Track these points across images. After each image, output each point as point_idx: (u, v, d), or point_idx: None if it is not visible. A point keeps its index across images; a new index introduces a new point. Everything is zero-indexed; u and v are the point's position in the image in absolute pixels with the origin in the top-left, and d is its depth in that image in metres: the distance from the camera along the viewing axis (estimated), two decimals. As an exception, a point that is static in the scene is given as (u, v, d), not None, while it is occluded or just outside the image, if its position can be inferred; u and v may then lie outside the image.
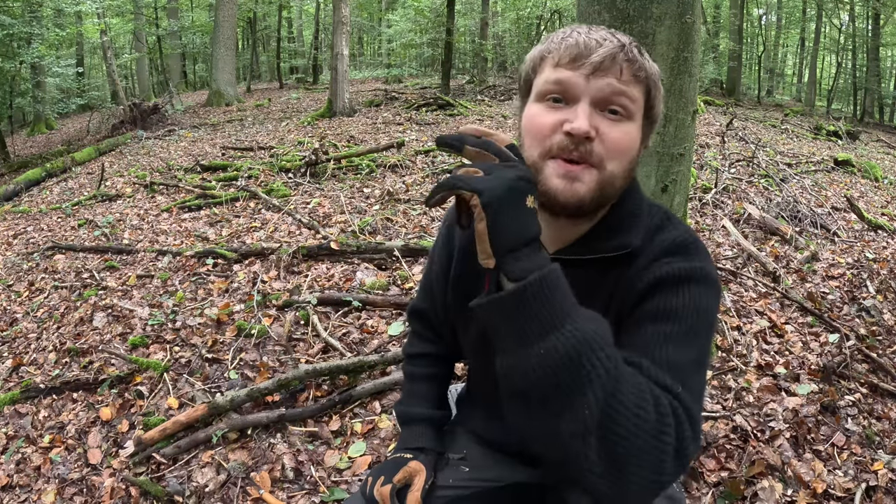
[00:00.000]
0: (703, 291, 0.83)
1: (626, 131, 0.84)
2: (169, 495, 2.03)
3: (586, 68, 0.81)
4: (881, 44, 20.16)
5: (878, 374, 2.52)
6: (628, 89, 0.83)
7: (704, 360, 0.83)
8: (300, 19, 27.06)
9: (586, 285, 0.88)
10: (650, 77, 0.86)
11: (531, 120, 0.85)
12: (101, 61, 22.53)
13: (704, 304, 0.83)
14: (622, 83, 0.82)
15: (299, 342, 2.84)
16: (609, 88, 0.82)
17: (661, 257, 0.86)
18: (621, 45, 0.83)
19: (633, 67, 0.83)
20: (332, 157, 6.19)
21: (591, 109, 0.82)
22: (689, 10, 1.92)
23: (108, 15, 17.63)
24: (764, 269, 3.55)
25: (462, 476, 1.13)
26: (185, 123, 11.33)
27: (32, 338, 3.26)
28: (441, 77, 13.17)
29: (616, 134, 0.83)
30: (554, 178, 0.82)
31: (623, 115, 0.83)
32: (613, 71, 0.81)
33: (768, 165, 6.23)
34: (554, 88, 0.83)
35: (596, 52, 0.81)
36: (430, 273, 1.15)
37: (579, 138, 0.80)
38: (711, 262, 0.88)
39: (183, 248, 4.08)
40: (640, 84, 0.84)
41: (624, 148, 0.84)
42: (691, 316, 0.81)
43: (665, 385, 0.74)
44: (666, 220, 0.92)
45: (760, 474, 1.93)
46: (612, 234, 0.89)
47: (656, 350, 0.78)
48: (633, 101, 0.83)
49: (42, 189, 7.61)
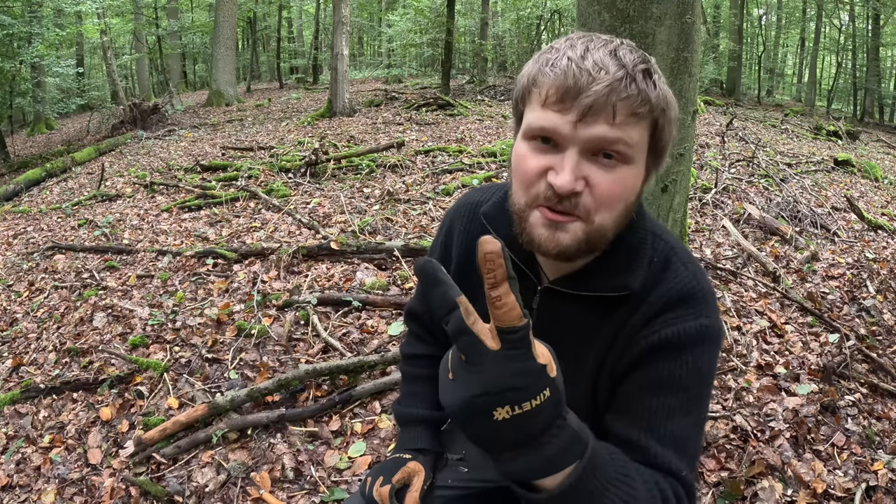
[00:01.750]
0: (708, 351, 0.81)
1: (620, 178, 0.75)
2: (169, 495, 2.03)
3: (574, 113, 0.72)
4: (881, 44, 20.16)
5: (878, 374, 2.52)
6: (623, 134, 0.73)
7: (704, 417, 0.84)
8: (300, 19, 27.07)
9: (584, 325, 0.87)
10: (656, 108, 0.75)
11: (518, 161, 0.79)
12: (101, 61, 22.53)
13: (707, 366, 0.81)
14: (616, 128, 0.72)
15: (299, 342, 2.84)
16: (599, 137, 0.72)
17: (666, 311, 0.81)
18: (619, 78, 0.72)
19: (633, 105, 0.72)
20: (332, 157, 6.19)
21: (579, 158, 0.74)
22: (689, 10, 1.92)
23: (108, 15, 17.64)
24: (764, 269, 3.55)
25: (461, 476, 1.13)
26: (185, 123, 11.33)
27: (32, 338, 3.26)
28: (441, 77, 13.18)
29: (607, 183, 0.74)
30: (538, 227, 0.77)
31: (618, 160, 0.75)
32: (605, 115, 0.72)
33: (768, 165, 6.23)
34: (540, 133, 0.76)
35: (586, 92, 0.71)
36: None
37: (564, 195, 0.74)
38: (717, 309, 0.84)
39: (183, 248, 4.08)
40: (641, 121, 0.74)
41: (616, 197, 0.76)
42: (695, 383, 0.80)
43: (670, 469, 0.76)
44: (670, 260, 0.85)
45: (760, 474, 1.93)
46: (611, 271, 0.84)
47: (661, 425, 0.78)
48: (630, 145, 0.74)
49: (42, 189, 7.61)
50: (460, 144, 6.91)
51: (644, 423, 0.79)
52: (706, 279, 0.86)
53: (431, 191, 5.21)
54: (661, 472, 0.76)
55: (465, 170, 5.84)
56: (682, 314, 0.81)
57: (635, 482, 0.69)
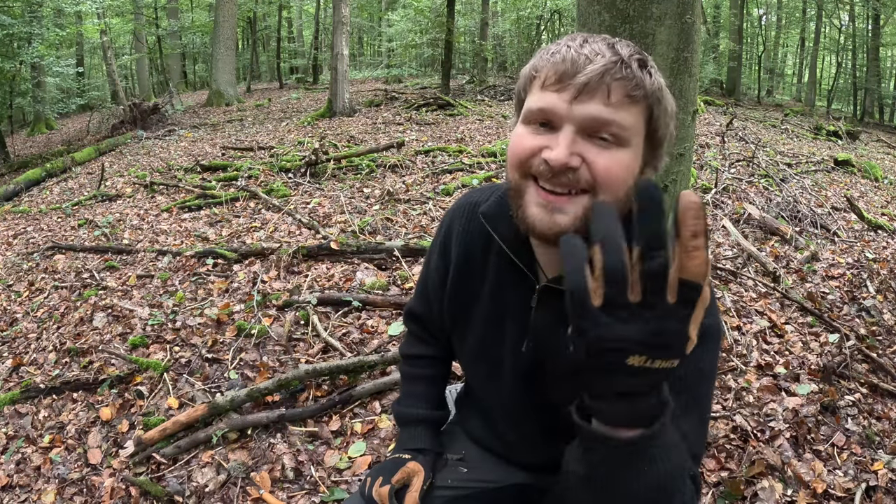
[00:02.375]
0: (710, 350, 0.81)
1: (617, 159, 0.75)
2: (169, 495, 2.03)
3: (570, 91, 0.74)
4: (881, 44, 20.16)
5: (878, 374, 2.52)
6: (617, 116, 0.74)
7: (707, 415, 0.84)
8: (300, 19, 27.07)
9: None
10: (651, 95, 0.76)
11: (514, 141, 0.81)
12: (101, 61, 22.53)
13: (709, 366, 0.82)
14: (611, 107, 0.74)
15: (299, 342, 2.84)
16: (594, 115, 0.74)
17: None
18: (615, 61, 0.74)
19: (627, 86, 0.74)
20: (332, 157, 6.19)
21: (574, 136, 0.75)
22: (689, 10, 1.92)
23: (108, 15, 17.64)
24: (764, 269, 3.55)
25: (461, 476, 1.13)
26: (185, 123, 11.33)
27: (32, 338, 3.26)
28: (441, 77, 13.18)
29: (604, 162, 0.75)
30: (532, 206, 0.78)
31: (613, 143, 0.75)
32: (601, 93, 0.74)
33: (768, 165, 6.23)
34: (538, 116, 0.77)
35: (583, 72, 0.73)
36: (427, 280, 1.13)
37: (558, 168, 0.75)
38: (717, 309, 0.85)
39: (183, 248, 4.08)
40: (636, 104, 0.75)
41: (615, 176, 0.76)
42: (696, 383, 0.81)
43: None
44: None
45: (760, 474, 1.93)
46: None
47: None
48: (624, 128, 0.75)
49: (42, 189, 7.61)
50: (460, 144, 6.91)
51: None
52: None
53: (431, 191, 5.21)
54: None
55: (464, 170, 5.84)
56: None
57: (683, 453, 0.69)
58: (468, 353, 1.06)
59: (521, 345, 0.95)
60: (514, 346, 0.96)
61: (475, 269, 0.99)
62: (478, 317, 1.00)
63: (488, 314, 0.99)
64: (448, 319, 1.07)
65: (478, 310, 1.00)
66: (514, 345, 0.96)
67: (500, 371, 0.99)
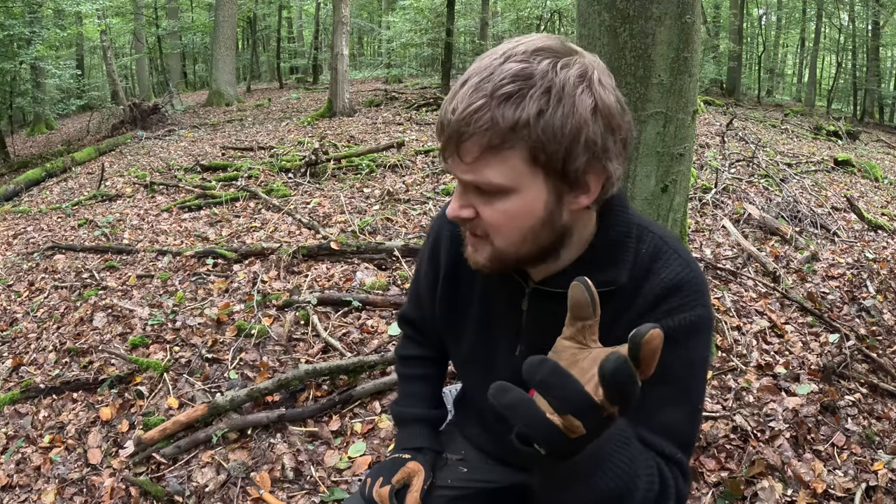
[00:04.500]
0: (701, 340, 0.82)
1: (501, 210, 0.74)
2: (169, 495, 2.03)
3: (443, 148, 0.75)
4: (881, 44, 20.17)
5: (878, 374, 2.52)
6: (478, 176, 0.72)
7: (699, 405, 0.86)
8: (300, 19, 27.06)
9: None
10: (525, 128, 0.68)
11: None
12: (101, 61, 22.51)
13: (700, 356, 0.82)
14: (469, 168, 0.72)
15: (299, 342, 2.84)
16: (460, 176, 0.74)
17: (661, 303, 0.81)
18: (473, 110, 0.67)
19: (483, 140, 0.69)
20: (332, 157, 6.19)
21: (464, 189, 0.76)
22: (689, 10, 1.92)
23: (108, 15, 17.64)
24: (764, 269, 3.55)
25: (461, 476, 1.13)
26: (185, 123, 11.33)
27: (32, 338, 3.26)
28: (441, 77, 13.17)
29: (489, 213, 0.75)
30: (467, 245, 0.84)
31: (495, 193, 0.73)
32: (460, 152, 0.71)
33: (768, 165, 6.23)
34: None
35: (445, 130, 0.71)
36: (419, 285, 1.13)
37: (454, 221, 0.80)
38: (708, 297, 0.85)
39: (183, 248, 4.08)
40: (501, 152, 0.69)
41: (502, 226, 0.76)
42: (688, 374, 0.81)
43: (664, 454, 0.79)
44: (660, 250, 0.84)
45: (760, 474, 1.93)
46: (596, 267, 0.83)
47: (655, 416, 0.80)
48: (493, 183, 0.72)
49: (42, 189, 7.61)
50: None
51: (640, 412, 0.79)
52: (697, 267, 0.85)
53: (431, 191, 5.21)
54: (653, 453, 0.78)
55: (465, 170, 5.83)
56: (677, 305, 0.81)
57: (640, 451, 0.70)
58: (462, 357, 1.06)
59: (513, 348, 0.95)
60: (507, 350, 0.96)
61: (464, 274, 0.99)
62: (470, 322, 1.01)
63: (480, 319, 0.99)
64: (441, 325, 1.07)
65: (469, 315, 1.00)
66: (506, 349, 0.96)
67: (494, 375, 0.99)
